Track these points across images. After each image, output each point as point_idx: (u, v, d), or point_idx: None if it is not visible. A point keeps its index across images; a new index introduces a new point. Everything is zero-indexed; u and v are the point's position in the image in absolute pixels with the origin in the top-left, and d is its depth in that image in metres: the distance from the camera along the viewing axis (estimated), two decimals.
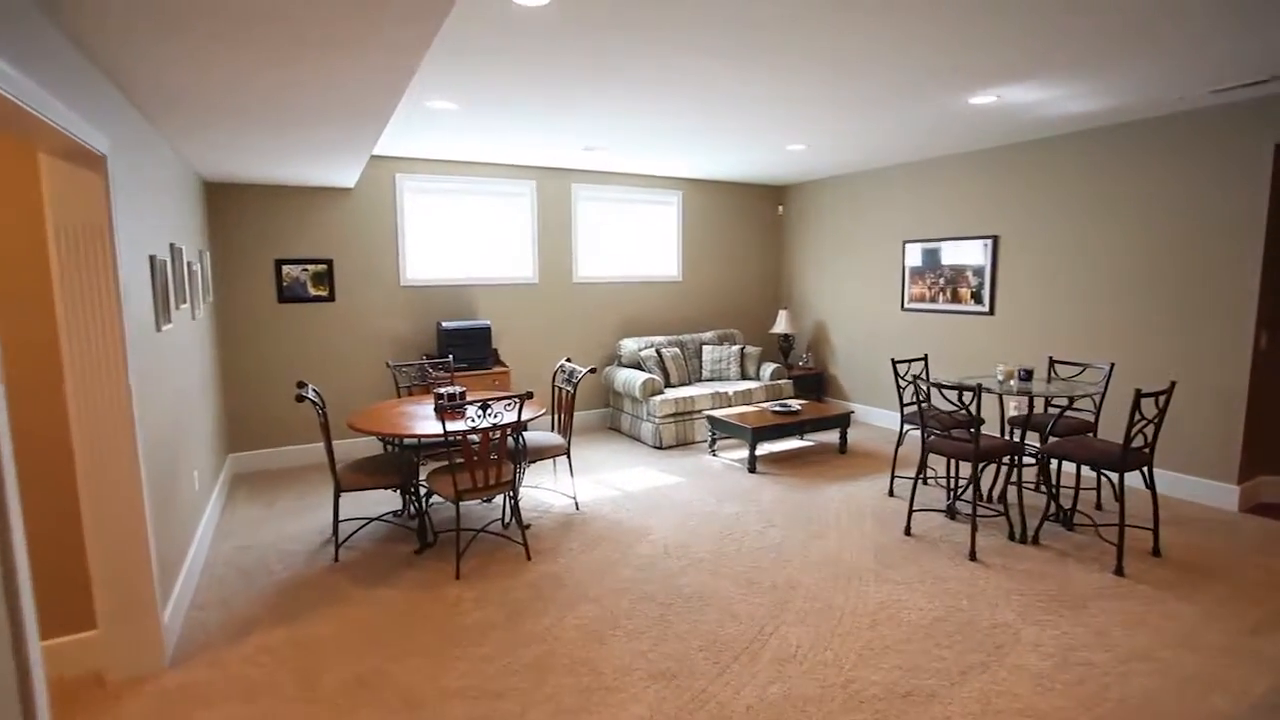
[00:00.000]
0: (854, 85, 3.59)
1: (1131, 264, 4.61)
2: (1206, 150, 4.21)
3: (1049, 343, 5.12)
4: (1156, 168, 4.45)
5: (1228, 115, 4.11)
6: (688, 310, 7.15)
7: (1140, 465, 3.37)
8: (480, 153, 5.46)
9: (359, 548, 3.72)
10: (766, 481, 4.81)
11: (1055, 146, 4.99)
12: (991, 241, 5.45)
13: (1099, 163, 4.75)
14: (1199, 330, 4.31)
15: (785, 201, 7.60)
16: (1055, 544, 3.65)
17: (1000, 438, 3.81)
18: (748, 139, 5.01)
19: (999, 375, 4.00)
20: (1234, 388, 4.18)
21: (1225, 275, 4.18)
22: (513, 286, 6.14)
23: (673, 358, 6.31)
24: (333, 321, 5.44)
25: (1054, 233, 5.05)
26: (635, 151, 5.45)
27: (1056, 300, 5.06)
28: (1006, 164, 5.32)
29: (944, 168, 5.81)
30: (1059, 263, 5.03)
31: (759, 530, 3.90)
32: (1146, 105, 4.09)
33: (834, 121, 4.46)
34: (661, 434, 5.74)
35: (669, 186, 6.88)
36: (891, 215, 6.32)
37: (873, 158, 5.88)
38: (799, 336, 7.53)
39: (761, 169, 6.43)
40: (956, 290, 5.76)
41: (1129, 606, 2.99)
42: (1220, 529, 3.88)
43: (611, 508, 4.31)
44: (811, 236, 7.27)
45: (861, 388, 6.79)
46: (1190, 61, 3.25)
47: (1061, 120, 4.48)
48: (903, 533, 3.82)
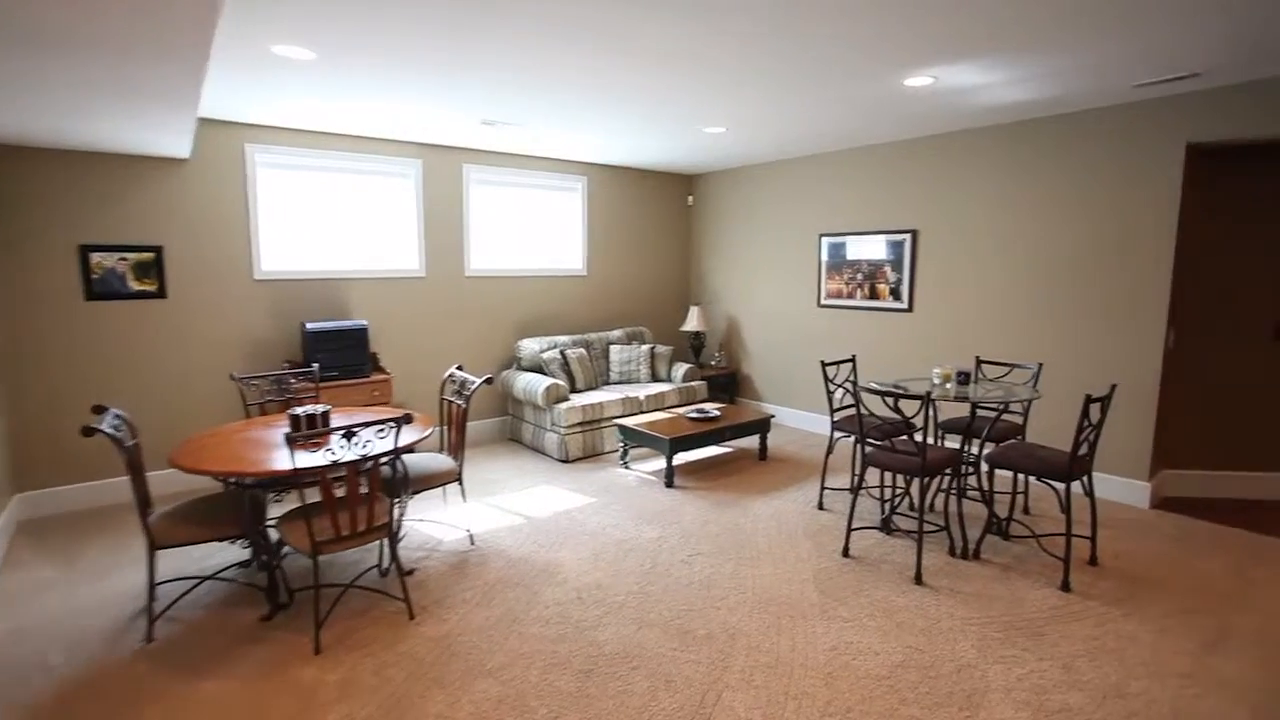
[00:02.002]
0: (781, 47, 3.17)
1: (1051, 262, 4.54)
2: (1123, 147, 4.16)
3: (968, 341, 5.00)
4: (1075, 164, 4.37)
5: (1144, 112, 4.06)
6: (594, 307, 6.60)
7: (1084, 473, 3.19)
8: (354, 123, 4.64)
9: (185, 619, 2.89)
10: (686, 498, 4.36)
11: (976, 139, 4.85)
12: (910, 236, 5.27)
13: (1019, 158, 4.64)
14: (1116, 329, 4.27)
15: (696, 191, 7.20)
16: (997, 558, 3.43)
17: (937, 445, 3.55)
18: (663, 116, 4.51)
19: (936, 378, 3.75)
20: (1147, 386, 4.17)
21: (1140, 274, 4.15)
22: (395, 281, 5.34)
23: (578, 359, 5.74)
24: (163, 323, 4.44)
25: (973, 228, 4.92)
26: (538, 128, 4.82)
27: (976, 298, 4.94)
28: (927, 157, 5.15)
29: (863, 159, 5.59)
30: (978, 259, 4.91)
31: (685, 560, 3.43)
32: (1073, 98, 3.97)
33: (761, 99, 4.05)
34: (568, 445, 5.16)
35: (573, 171, 6.28)
36: (808, 208, 6.06)
37: (794, 146, 5.56)
38: (711, 334, 7.17)
39: (674, 155, 5.97)
40: (875, 286, 5.56)
41: (1085, 631, 2.77)
42: (1141, 529, 3.83)
43: (513, 539, 3.69)
44: (724, 229, 6.91)
45: (777, 388, 6.51)
46: (1119, 51, 3.08)
47: (993, 110, 4.30)
48: (841, 554, 3.48)
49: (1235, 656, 2.61)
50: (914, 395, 3.08)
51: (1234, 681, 2.46)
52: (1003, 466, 3.29)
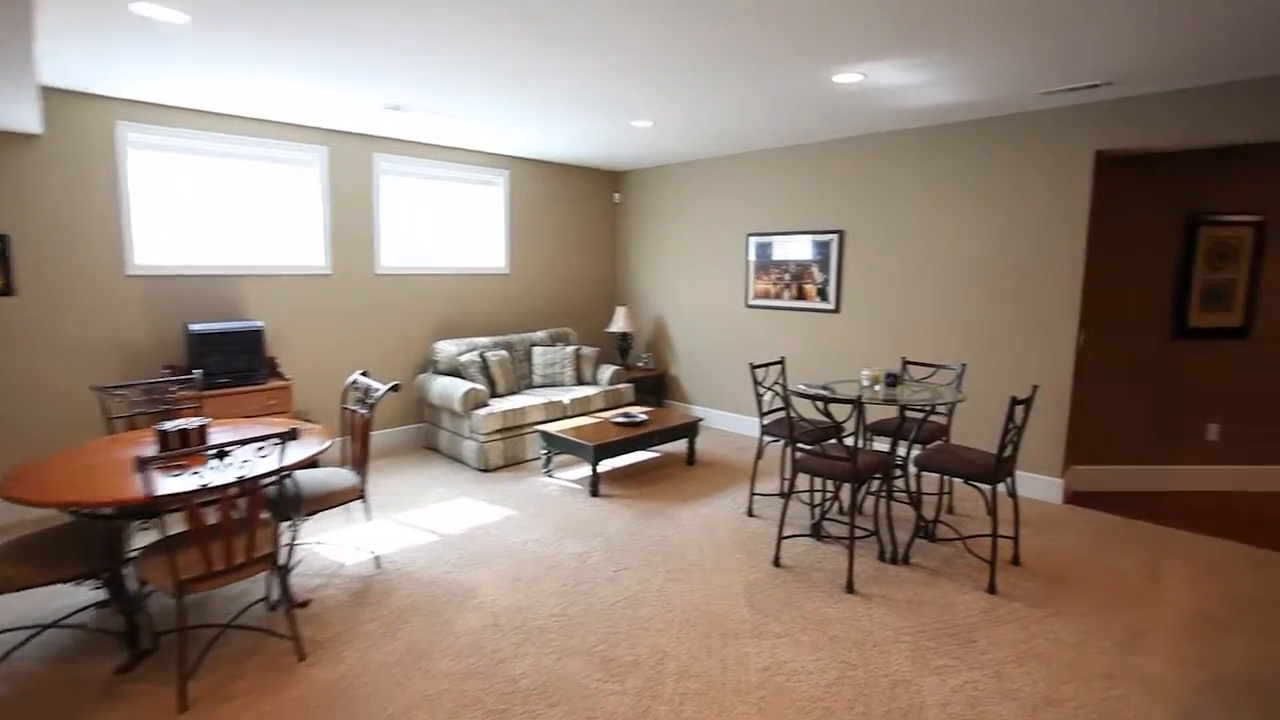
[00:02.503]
0: (707, 33, 3.02)
1: (972, 264, 4.60)
2: (1039, 153, 4.25)
3: (894, 342, 5.03)
4: (994, 169, 4.45)
5: (1057, 120, 4.16)
6: (516, 307, 6.30)
7: (1009, 474, 3.19)
8: (248, 103, 4.19)
9: (20, 677, 2.46)
10: (612, 507, 4.16)
11: (902, 141, 4.88)
12: (837, 237, 5.27)
13: (942, 161, 4.69)
14: (1033, 329, 4.37)
15: (624, 189, 7.02)
16: (925, 562, 3.40)
17: (867, 449, 3.49)
18: (588, 107, 4.29)
19: (864, 380, 3.70)
20: (1060, 385, 4.28)
21: (1054, 277, 4.25)
22: (297, 278, 4.88)
23: (499, 362, 5.44)
24: (10, 326, 3.86)
25: (898, 230, 4.95)
26: (452, 116, 4.51)
27: (901, 299, 4.98)
28: (854, 157, 5.15)
29: (791, 159, 5.55)
30: (903, 261, 4.94)
31: (610, 576, 3.23)
32: (992, 103, 4.02)
33: (688, 91, 3.89)
34: (487, 454, 4.86)
35: (495, 164, 5.97)
36: (736, 207, 5.98)
37: (724, 143, 5.46)
38: (638, 335, 7.01)
39: (600, 150, 5.76)
40: (802, 287, 5.54)
41: (1013, 635, 2.75)
42: (1056, 525, 3.91)
43: (424, 559, 3.39)
44: (652, 227, 6.76)
45: (705, 390, 6.41)
46: (1036, 57, 3.10)
47: (918, 113, 4.31)
48: (772, 563, 3.37)
49: (1153, 653, 2.64)
50: (845, 399, 2.99)
51: (1154, 679, 2.48)
52: (931, 470, 3.26)
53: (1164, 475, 4.69)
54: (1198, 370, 4.60)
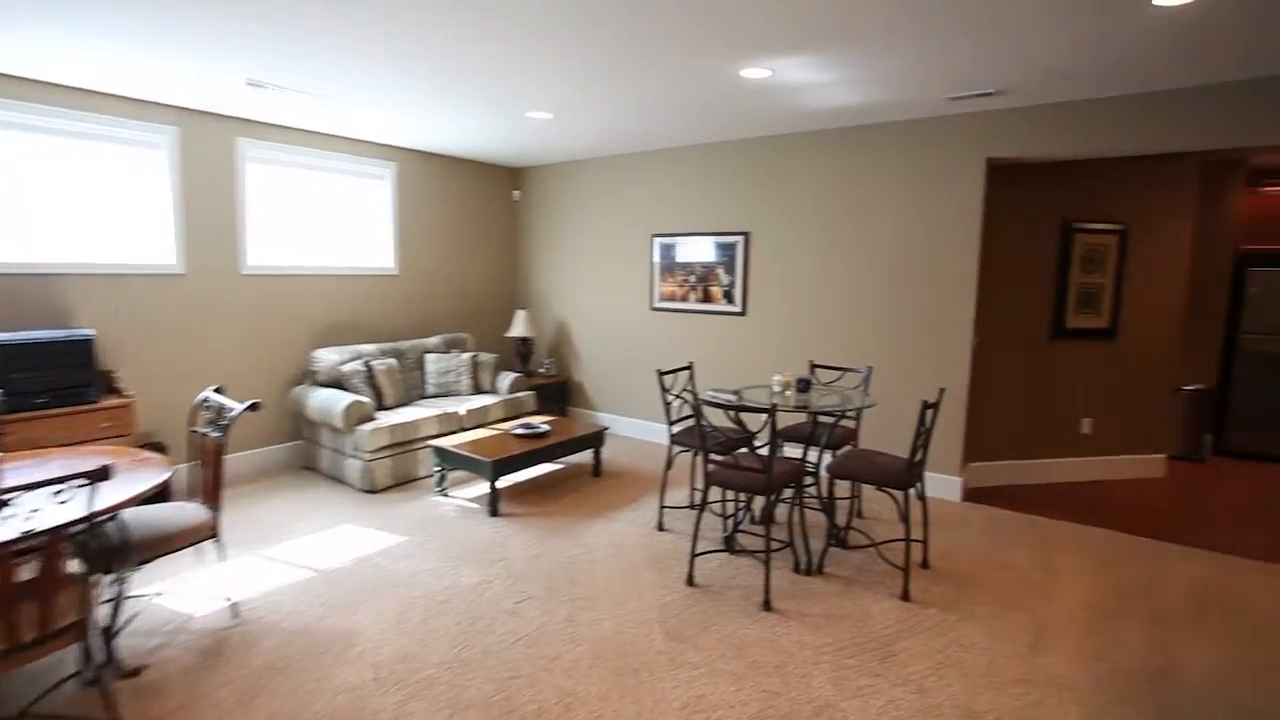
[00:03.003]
0: (605, 10, 2.80)
1: (875, 267, 4.65)
2: (937, 159, 4.34)
3: (801, 345, 5.01)
4: (896, 173, 4.50)
5: (954, 127, 4.26)
6: (407, 311, 5.82)
7: (919, 478, 3.17)
8: (78, 73, 3.54)
9: None
10: (514, 528, 3.85)
11: (808, 143, 4.86)
12: (743, 238, 5.19)
13: (847, 163, 4.70)
14: (932, 331, 4.45)
15: (524, 186, 6.67)
16: (839, 570, 3.33)
17: (779, 456, 3.39)
18: (479, 94, 3.96)
19: (776, 386, 3.59)
20: (958, 385, 4.39)
21: (951, 280, 4.35)
22: (142, 278, 4.21)
23: (387, 372, 4.97)
24: None
25: (803, 232, 4.93)
26: (328, 99, 4.03)
27: (807, 301, 4.96)
28: (760, 158, 5.09)
29: (696, 158, 5.43)
30: (808, 263, 4.93)
31: (511, 609, 2.93)
32: (895, 107, 4.04)
33: (589, 80, 3.65)
34: (374, 473, 4.41)
35: (381, 155, 5.47)
36: (640, 206, 5.80)
37: (628, 140, 5.25)
38: (540, 340, 6.69)
39: (499, 143, 5.41)
40: (708, 289, 5.43)
41: (930, 644, 2.70)
42: (958, 524, 3.99)
43: (295, 604, 2.95)
44: (553, 227, 6.46)
45: (611, 396, 6.19)
46: (936, 61, 3.10)
47: (824, 114, 4.28)
48: (686, 582, 3.18)
49: (1057, 651, 2.67)
50: (758, 408, 2.86)
51: (1062, 680, 2.48)
52: (845, 477, 3.19)
53: (1047, 468, 4.93)
54: (1073, 368, 4.88)
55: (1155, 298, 4.95)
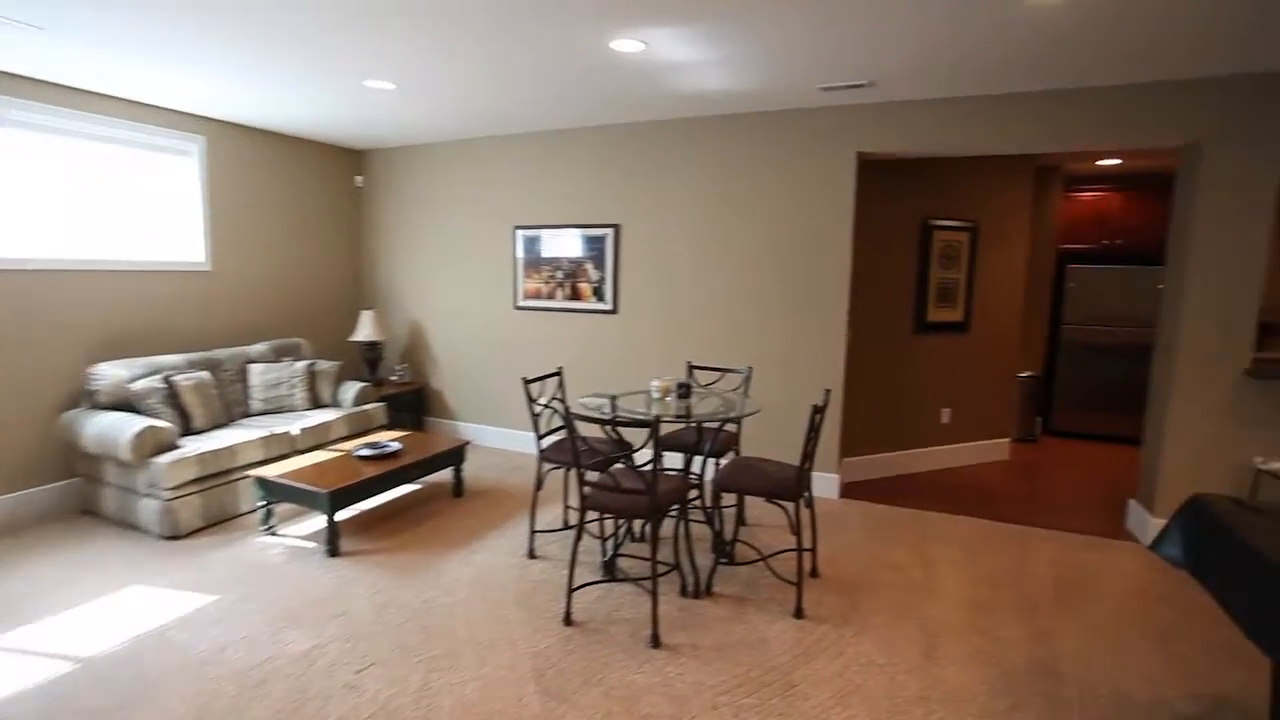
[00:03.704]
0: None
1: (752, 262, 4.49)
2: (812, 151, 4.24)
3: (677, 344, 4.76)
4: (772, 165, 4.36)
5: (828, 119, 4.18)
6: (224, 314, 4.92)
7: (808, 487, 3.00)
8: None
9: None
10: (357, 570, 3.26)
11: (681, 131, 4.60)
12: (612, 231, 4.86)
13: (722, 154, 4.50)
14: (809, 327, 4.37)
15: (368, 170, 5.91)
16: (728, 589, 3.10)
17: (661, 470, 3.09)
18: (304, 53, 3.30)
19: (655, 392, 3.29)
20: (834, 381, 4.34)
21: (827, 275, 4.29)
22: None
23: (195, 387, 4.12)
24: None
25: (677, 225, 4.68)
26: (100, 45, 3.18)
27: (682, 298, 4.73)
28: (631, 146, 4.77)
29: (564, 144, 5.01)
30: (682, 258, 4.69)
31: (351, 681, 2.39)
32: (772, 95, 3.87)
33: (435, 42, 3.13)
34: (177, 515, 3.60)
35: (183, 126, 4.54)
36: (502, 196, 5.29)
37: (487, 122, 4.72)
38: (391, 344, 5.97)
39: (336, 119, 4.67)
40: (576, 286, 5.05)
41: (830, 668, 2.51)
42: (839, 523, 3.92)
43: (37, 713, 2.21)
44: (404, 217, 5.77)
45: (474, 404, 5.64)
46: (816, 43, 2.94)
47: (698, 100, 4.02)
48: (563, 621, 2.79)
49: (949, 660, 2.59)
50: (640, 421, 2.53)
51: (960, 692, 2.39)
52: (733, 490, 2.95)
53: (913, 459, 5.07)
54: (934, 360, 5.04)
55: (1000, 292, 5.24)
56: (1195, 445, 3.67)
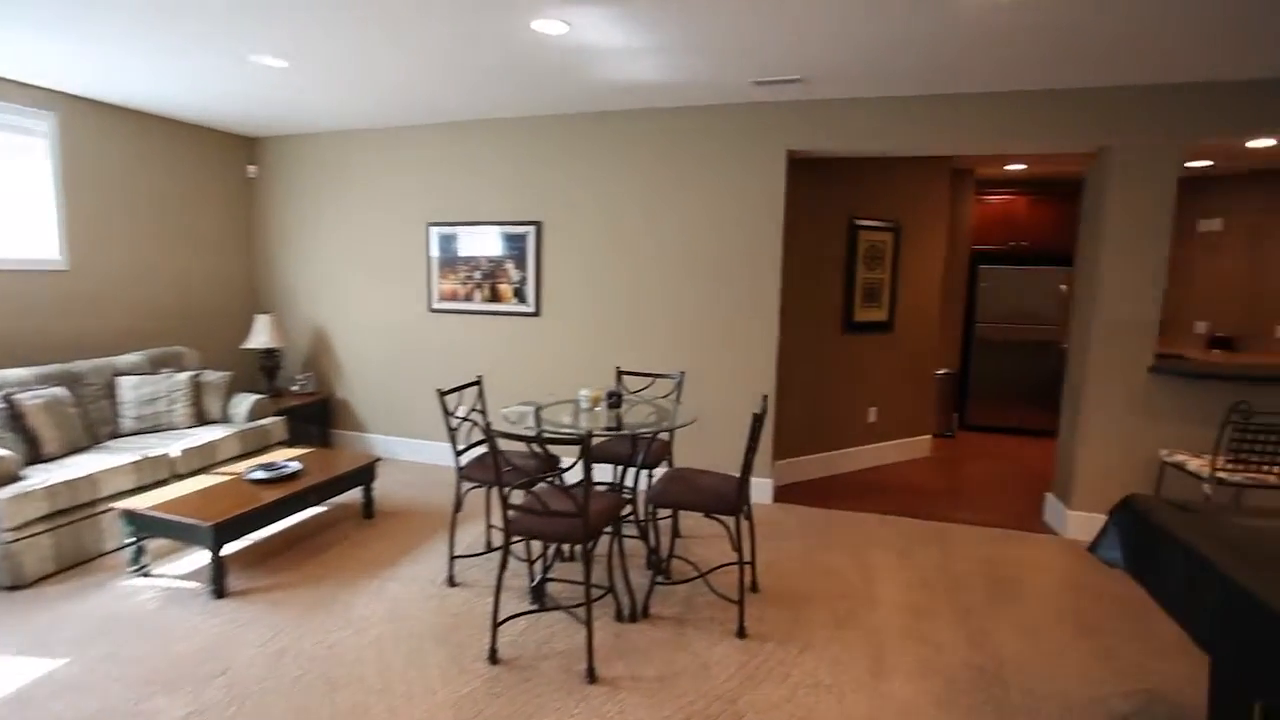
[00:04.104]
0: None
1: (681, 262, 4.33)
2: (743, 148, 4.12)
3: (604, 348, 4.54)
4: (704, 162, 4.21)
5: (760, 116, 4.06)
6: (86, 321, 4.30)
7: (747, 500, 2.85)
8: None
9: None
10: (248, 614, 2.86)
11: (609, 125, 4.38)
12: (534, 229, 4.58)
13: (651, 149, 4.31)
14: (741, 328, 4.25)
15: (262, 159, 5.35)
16: (667, 609, 2.91)
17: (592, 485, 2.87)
18: (178, 20, 2.86)
19: (583, 401, 3.06)
20: (767, 384, 4.25)
21: (758, 275, 4.18)
22: None
23: (47, 406, 3.55)
24: None
25: (603, 223, 4.46)
26: None
27: (609, 300, 4.51)
28: (555, 139, 4.50)
29: (481, 135, 4.68)
30: (609, 257, 4.48)
31: None
32: (703, 89, 3.71)
33: (326, 14, 2.77)
34: (20, 560, 3.06)
35: (26, 100, 3.91)
36: (415, 190, 4.90)
37: (397, 110, 4.33)
38: (291, 351, 5.44)
39: (223, 100, 4.16)
40: (496, 287, 4.74)
41: (777, 692, 2.37)
42: (775, 530, 3.82)
43: None
44: (305, 211, 5.27)
45: (385, 414, 5.22)
46: (747, 33, 2.80)
47: (626, 91, 3.81)
48: (488, 659, 2.52)
49: (895, 673, 2.50)
50: (570, 439, 2.30)
51: (909, 707, 2.30)
52: (670, 505, 2.77)
53: (842, 458, 5.06)
54: (862, 360, 5.05)
55: (921, 292, 5.33)
56: (1107, 439, 3.79)
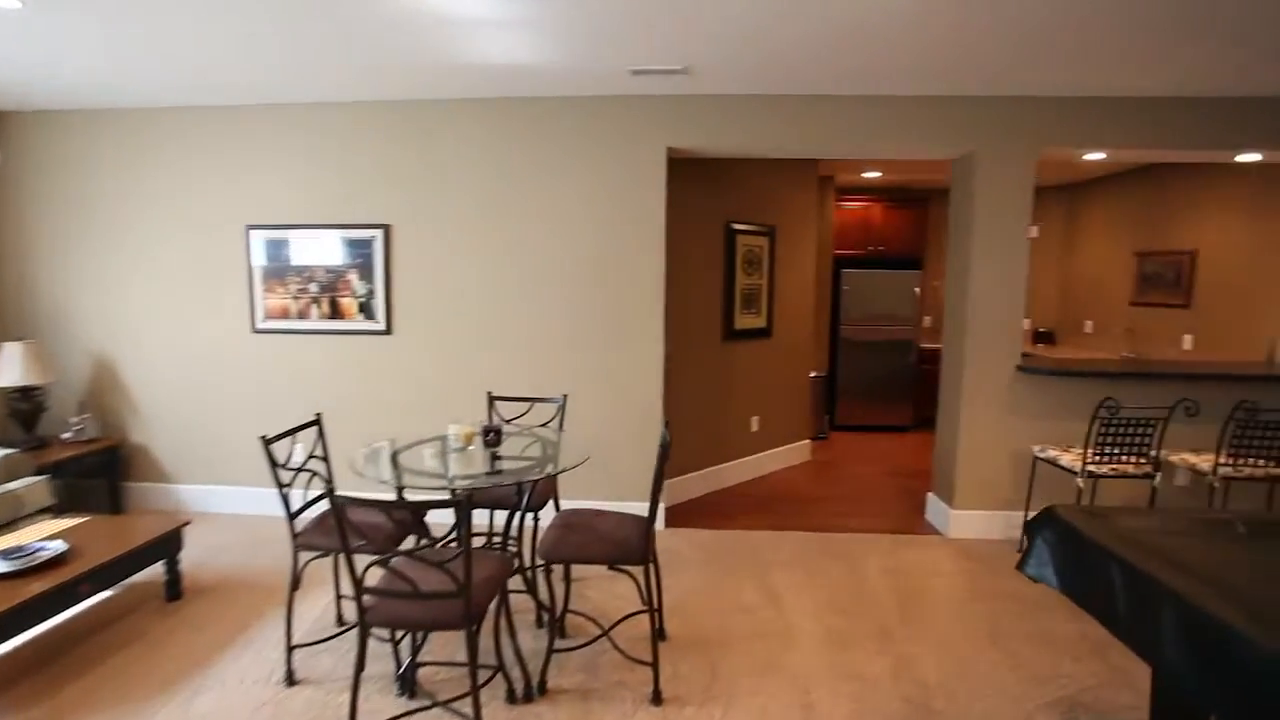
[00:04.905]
0: None
1: (559, 269, 3.89)
2: (621, 145, 3.78)
3: (473, 371, 3.98)
4: (581, 159, 3.81)
5: (639, 109, 3.74)
6: None
7: (652, 542, 2.49)
8: None
9: None
10: None
11: (474, 114, 3.83)
12: (382, 233, 3.93)
13: (523, 145, 3.83)
14: (624, 342, 3.90)
15: (9, 140, 4.18)
16: (567, 680, 2.47)
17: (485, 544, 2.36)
18: None
19: (453, 440, 2.54)
20: (652, 400, 3.93)
21: (641, 282, 3.85)
22: None
23: None
24: None
25: (468, 227, 3.91)
26: None
27: (475, 314, 3.96)
28: (409, 128, 3.87)
29: (315, 121, 3.92)
30: (475, 266, 3.93)
31: None
32: (580, 76, 3.31)
33: None
34: None
35: None
36: (230, 186, 4.03)
37: (200, 82, 3.50)
38: (61, 389, 4.29)
39: None
40: (337, 301, 4.02)
41: None
42: (672, 561, 3.50)
43: None
44: (76, 209, 4.17)
45: (196, 460, 4.27)
46: (629, 15, 2.47)
47: (492, 75, 3.31)
48: None
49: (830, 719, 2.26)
50: (440, 500, 1.80)
51: None
52: (565, 560, 2.33)
53: (728, 472, 4.88)
54: (743, 368, 4.90)
55: (795, 297, 5.30)
56: (984, 438, 3.88)
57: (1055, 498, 3.84)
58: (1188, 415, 3.35)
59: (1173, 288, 5.35)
